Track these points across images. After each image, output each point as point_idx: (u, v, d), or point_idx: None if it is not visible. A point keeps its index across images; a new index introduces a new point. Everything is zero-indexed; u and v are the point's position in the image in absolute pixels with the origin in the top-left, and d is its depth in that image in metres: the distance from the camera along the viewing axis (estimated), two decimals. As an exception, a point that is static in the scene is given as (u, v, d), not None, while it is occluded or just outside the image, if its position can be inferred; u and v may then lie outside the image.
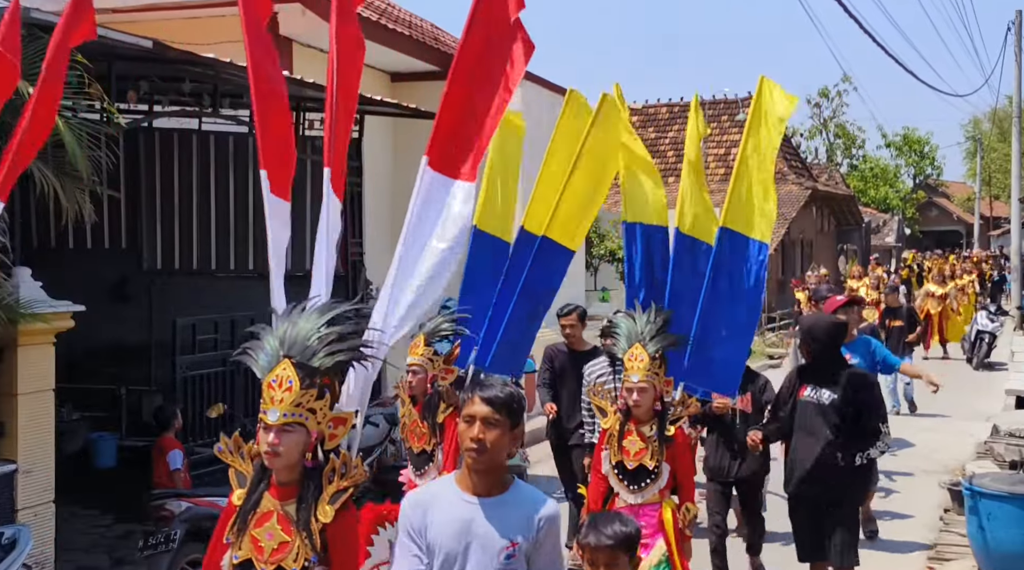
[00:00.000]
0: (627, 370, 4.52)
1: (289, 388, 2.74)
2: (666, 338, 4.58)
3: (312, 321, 2.86)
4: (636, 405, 4.50)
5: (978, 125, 51.58)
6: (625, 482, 4.59)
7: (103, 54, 6.19)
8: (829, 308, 6.98)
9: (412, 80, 13.65)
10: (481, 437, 2.83)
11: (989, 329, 16.83)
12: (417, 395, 5.18)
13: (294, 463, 2.76)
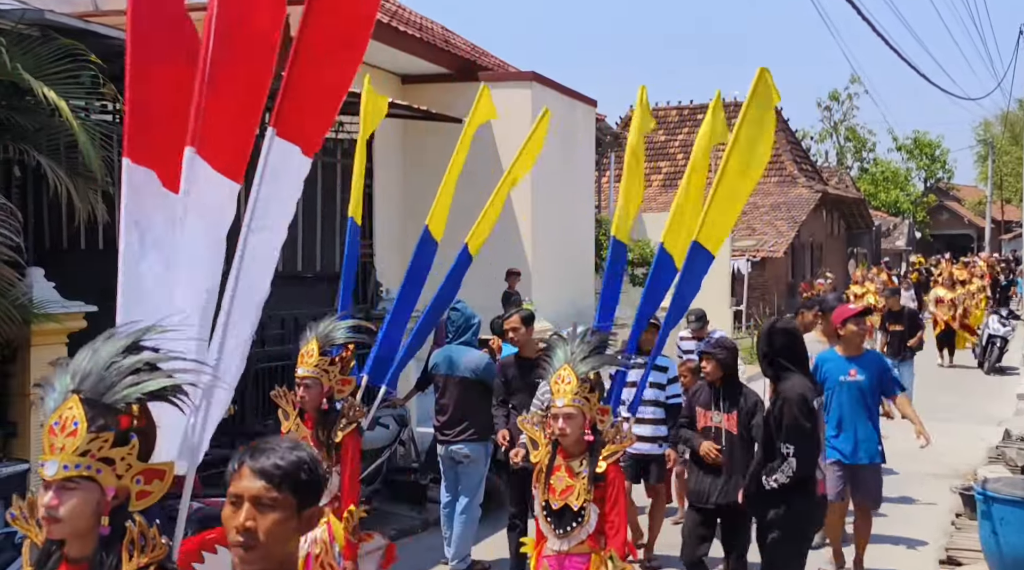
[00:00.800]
0: (553, 394, 3.94)
1: (74, 432, 2.06)
2: (600, 359, 4.03)
3: (114, 345, 2.16)
4: (562, 434, 3.87)
5: (989, 128, 51.38)
6: (552, 524, 3.93)
7: (117, 54, 6.22)
8: (838, 318, 6.52)
9: (423, 82, 13.67)
10: (250, 526, 1.97)
11: (1001, 333, 16.76)
12: (309, 410, 4.64)
13: (82, 531, 2.09)
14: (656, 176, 29.70)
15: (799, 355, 4.96)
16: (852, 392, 6.32)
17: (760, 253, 23.72)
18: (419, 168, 13.90)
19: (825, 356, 6.50)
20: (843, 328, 6.34)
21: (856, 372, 6.29)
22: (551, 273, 14.29)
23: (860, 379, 6.28)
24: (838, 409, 6.34)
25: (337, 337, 4.76)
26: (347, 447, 4.51)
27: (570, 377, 3.91)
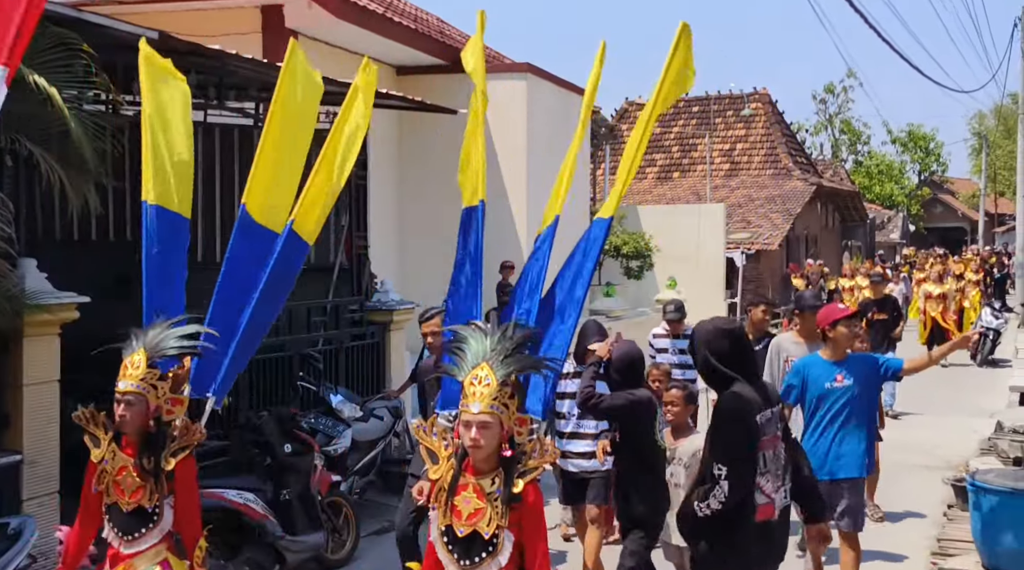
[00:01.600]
0: (466, 397, 3.24)
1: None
2: (523, 360, 3.35)
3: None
4: (475, 446, 3.19)
5: (983, 120, 51.45)
6: (455, 554, 3.29)
7: (109, 45, 6.19)
8: (827, 319, 5.78)
9: (417, 73, 13.65)
10: None
11: (993, 326, 16.81)
12: (129, 433, 3.92)
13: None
14: (651, 169, 29.70)
15: (743, 360, 4.19)
16: (839, 400, 5.68)
17: (755, 245, 23.75)
18: (414, 159, 13.88)
19: (808, 361, 5.91)
20: (832, 330, 5.70)
21: (843, 377, 5.68)
22: (546, 265, 14.28)
23: (848, 384, 5.68)
24: (823, 419, 5.70)
25: (169, 348, 4.08)
26: (181, 476, 3.89)
27: (489, 378, 3.23)
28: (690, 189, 27.53)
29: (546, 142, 14.31)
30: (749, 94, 29.80)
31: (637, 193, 27.85)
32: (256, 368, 7.58)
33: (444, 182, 13.73)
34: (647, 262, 17.47)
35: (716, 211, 20.61)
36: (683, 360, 8.04)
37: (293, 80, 5.17)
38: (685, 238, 19.39)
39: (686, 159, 29.54)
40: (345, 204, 9.26)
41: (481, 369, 3.26)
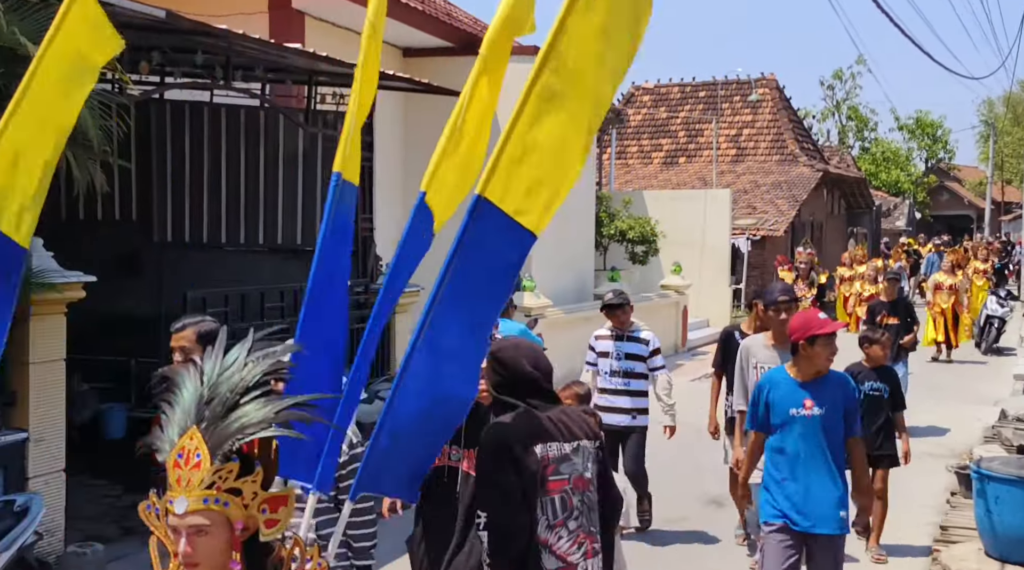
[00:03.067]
0: (170, 488, 1.98)
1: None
2: (254, 415, 1.98)
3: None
4: (189, 563, 1.94)
5: (992, 107, 51.17)
6: None
7: (115, 24, 6.16)
8: (800, 331, 4.59)
9: (424, 55, 13.60)
10: None
11: (999, 314, 16.78)
12: None
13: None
14: (657, 154, 29.62)
15: (516, 384, 3.26)
16: (807, 430, 4.57)
17: (760, 231, 23.69)
18: (419, 142, 13.85)
19: (772, 377, 4.75)
20: (808, 347, 4.55)
21: (813, 404, 4.57)
22: (551, 249, 14.27)
23: (817, 413, 4.57)
24: (788, 453, 4.61)
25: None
26: None
27: (199, 452, 1.94)
28: (696, 174, 27.45)
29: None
30: (756, 79, 29.66)
31: (643, 178, 27.78)
32: (261, 349, 7.59)
33: (450, 165, 13.75)
34: (652, 247, 17.43)
35: (722, 197, 20.54)
36: (629, 368, 6.91)
37: None
38: (690, 224, 19.34)
39: (692, 144, 29.43)
40: (351, 186, 9.26)
41: (190, 438, 1.97)
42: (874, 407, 6.67)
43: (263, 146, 9.19)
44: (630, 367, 6.91)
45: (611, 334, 7.01)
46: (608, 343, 6.98)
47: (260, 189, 9.23)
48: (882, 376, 6.87)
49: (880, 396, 6.77)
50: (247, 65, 8.07)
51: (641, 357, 6.95)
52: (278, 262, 9.29)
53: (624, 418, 6.86)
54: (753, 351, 5.82)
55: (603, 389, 6.93)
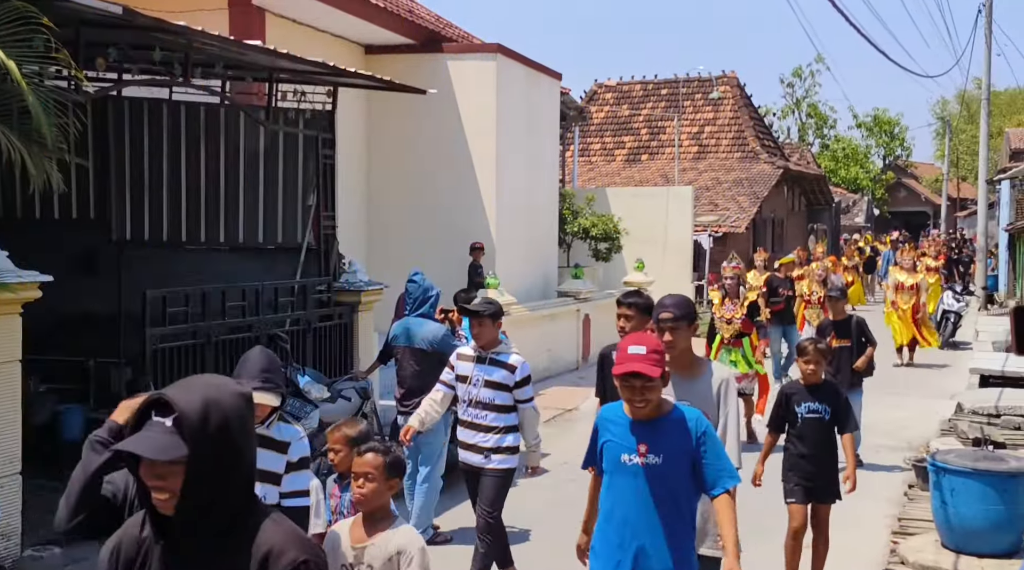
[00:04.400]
0: None
1: None
2: None
3: None
4: None
5: (946, 106, 52.06)
6: None
7: (71, 19, 6.07)
8: (617, 366, 3.57)
9: (386, 53, 13.55)
10: None
11: (955, 309, 17.07)
12: None
13: None
14: (620, 151, 29.75)
15: None
16: (640, 484, 3.57)
17: (722, 228, 23.90)
18: (382, 139, 13.80)
19: (606, 416, 3.75)
20: (619, 385, 3.59)
21: (648, 450, 3.55)
22: (515, 246, 14.29)
23: (653, 462, 3.55)
24: (615, 509, 3.66)
25: None
26: None
27: None
28: (658, 171, 27.62)
29: (516, 123, 14.27)
30: (718, 77, 29.90)
31: (606, 175, 27.89)
32: (222, 348, 7.52)
33: (413, 163, 13.74)
34: (615, 244, 17.52)
35: (684, 194, 20.70)
36: (489, 398, 5.65)
37: None
38: (653, 220, 19.46)
39: (654, 142, 29.61)
40: (313, 184, 9.20)
41: None
42: (814, 433, 5.76)
43: (224, 144, 9.10)
44: (490, 397, 5.62)
45: (474, 355, 5.71)
46: (468, 366, 5.70)
47: (221, 187, 9.14)
48: (820, 395, 5.82)
49: (820, 419, 5.78)
50: (207, 62, 7.98)
51: (505, 387, 5.63)
52: (240, 260, 9.21)
53: (477, 457, 5.67)
54: None
55: (460, 420, 5.80)
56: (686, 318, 4.21)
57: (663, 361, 3.56)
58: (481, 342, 5.69)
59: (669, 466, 3.59)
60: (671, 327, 4.19)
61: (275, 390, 3.98)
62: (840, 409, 5.87)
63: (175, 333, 7.22)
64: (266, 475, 3.93)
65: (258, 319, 7.94)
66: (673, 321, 4.20)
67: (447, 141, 13.61)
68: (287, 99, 9.03)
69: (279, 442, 4.05)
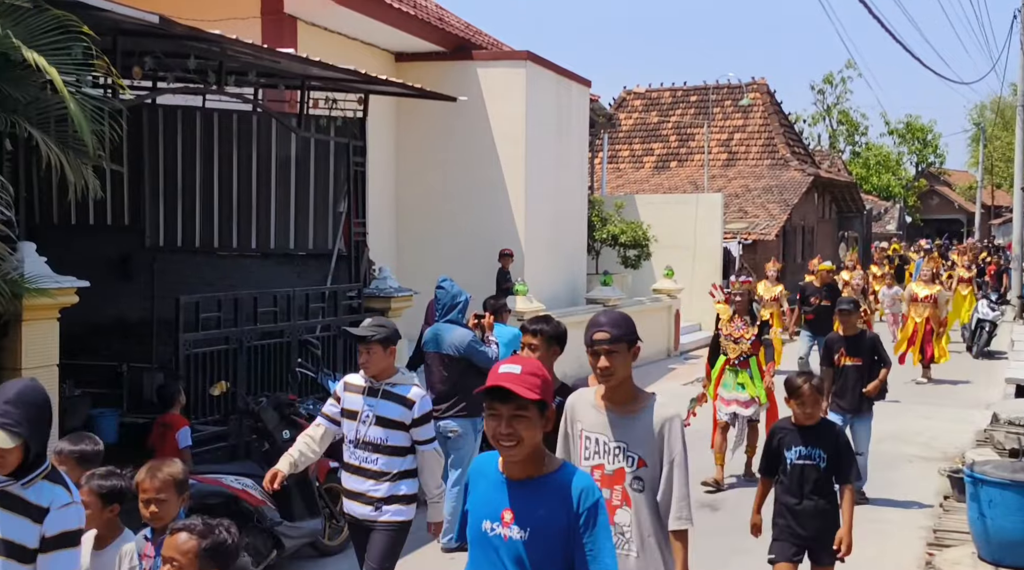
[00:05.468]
0: None
1: None
2: None
3: None
4: None
5: (984, 111, 51.43)
6: None
7: (108, 28, 6.16)
8: None
9: (416, 60, 13.62)
10: None
11: (990, 318, 16.84)
12: None
13: None
14: (648, 158, 29.67)
15: None
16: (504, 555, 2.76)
17: (752, 236, 23.75)
18: (411, 146, 13.85)
19: (477, 467, 2.95)
20: None
21: (513, 518, 2.74)
22: (544, 253, 14.29)
23: (516, 537, 2.73)
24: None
25: None
26: None
27: None
28: (687, 178, 27.51)
29: (545, 130, 14.28)
30: (747, 84, 29.75)
31: (634, 182, 27.82)
32: (254, 354, 7.57)
33: (442, 169, 13.78)
34: (644, 252, 17.46)
35: (713, 201, 20.60)
36: (381, 438, 4.66)
37: None
38: (682, 228, 19.38)
39: (683, 149, 29.50)
40: (343, 191, 9.25)
41: None
42: (804, 482, 4.90)
43: (256, 151, 9.18)
44: (382, 437, 4.65)
45: (364, 385, 4.70)
46: (356, 398, 4.74)
47: (253, 194, 9.21)
48: (814, 438, 4.95)
49: (814, 467, 4.92)
50: (240, 70, 8.06)
51: (400, 425, 4.66)
52: (271, 266, 9.27)
53: (365, 509, 4.70)
54: (578, 411, 3.60)
55: (345, 464, 4.80)
56: (626, 339, 3.41)
57: (544, 390, 2.71)
58: (371, 371, 4.64)
59: (534, 546, 2.69)
60: (607, 350, 3.37)
61: (11, 429, 2.97)
62: (839, 455, 4.95)
63: (207, 339, 7.28)
64: (11, 549, 3.03)
65: (289, 325, 7.99)
66: (610, 343, 3.37)
67: (476, 148, 13.63)
68: (319, 106, 9.10)
69: (32, 506, 3.05)
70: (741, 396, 8.51)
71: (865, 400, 7.91)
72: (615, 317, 3.50)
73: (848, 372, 7.91)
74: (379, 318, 5.02)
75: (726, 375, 8.61)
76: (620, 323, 3.46)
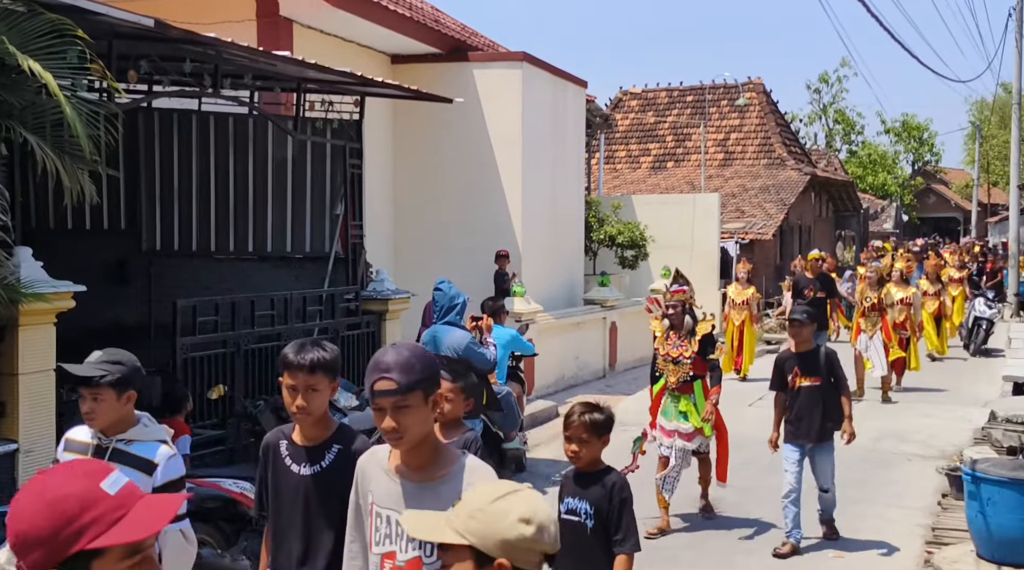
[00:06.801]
0: None
1: None
2: None
3: None
4: None
5: (984, 106, 51.49)
6: None
7: (104, 32, 6.15)
8: None
9: (412, 62, 13.61)
10: None
11: (987, 316, 16.86)
12: None
13: None
14: (645, 158, 29.68)
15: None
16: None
17: (749, 235, 23.76)
18: (407, 148, 13.85)
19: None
20: None
21: None
22: (541, 254, 14.28)
23: None
24: None
25: None
26: None
27: None
28: (684, 178, 27.52)
29: (541, 131, 14.28)
30: (743, 83, 29.77)
31: (631, 182, 27.83)
32: (251, 357, 7.57)
33: (439, 171, 13.77)
34: (642, 252, 17.46)
35: (710, 201, 20.60)
36: None
37: None
38: (679, 228, 19.38)
39: (680, 149, 29.52)
40: (340, 194, 9.24)
41: None
42: (571, 542, 3.56)
43: (252, 154, 9.18)
44: None
45: (90, 443, 3.54)
46: None
47: (249, 197, 9.21)
48: (587, 487, 3.95)
49: (578, 524, 3.87)
50: (235, 73, 8.05)
51: None
52: (268, 270, 9.27)
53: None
54: (369, 478, 2.74)
55: None
56: (421, 386, 2.53)
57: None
58: (98, 424, 3.49)
59: None
60: (395, 404, 2.50)
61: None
62: (612, 511, 3.82)
63: (205, 342, 7.28)
64: None
65: (287, 328, 7.99)
66: (397, 394, 2.51)
67: (473, 149, 13.63)
68: (315, 109, 9.09)
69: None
70: (683, 426, 7.09)
71: (826, 427, 6.72)
72: (405, 357, 2.55)
73: (803, 395, 6.70)
74: (115, 352, 3.67)
75: (666, 401, 7.19)
76: (411, 365, 2.53)
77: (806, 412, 6.68)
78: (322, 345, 3.13)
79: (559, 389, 13.02)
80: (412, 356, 2.57)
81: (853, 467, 8.74)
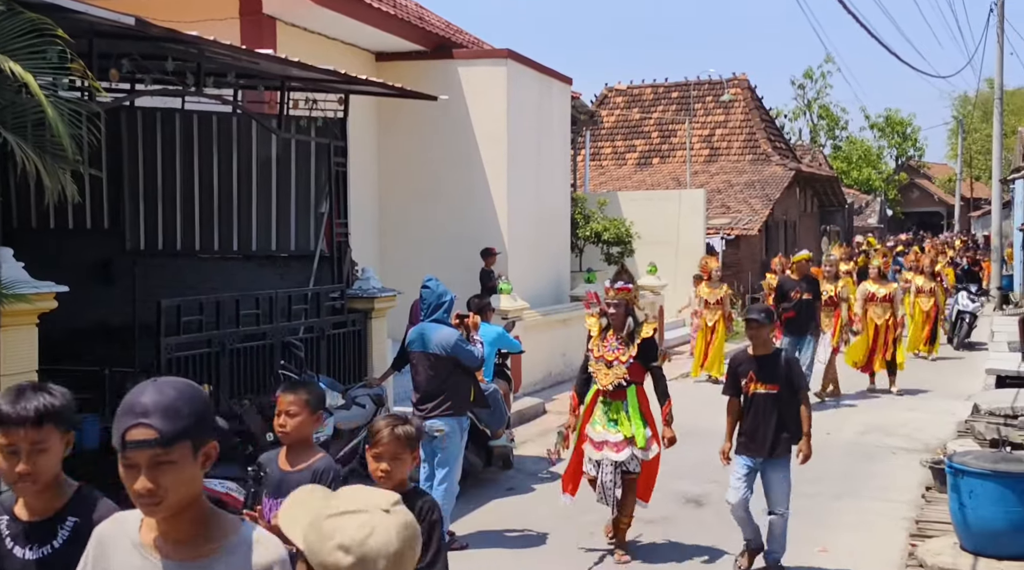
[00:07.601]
0: None
1: None
2: None
3: None
4: None
5: (967, 101, 51.79)
6: None
7: (84, 31, 6.11)
8: None
9: (397, 60, 13.59)
10: None
11: (970, 309, 16.98)
12: None
13: None
14: (631, 155, 29.72)
15: None
16: None
17: (734, 231, 23.84)
18: (393, 145, 13.82)
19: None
20: None
21: None
22: (527, 251, 14.29)
23: None
24: None
25: None
26: None
27: None
28: (670, 175, 27.58)
29: (527, 128, 14.28)
30: (728, 80, 29.85)
31: (617, 179, 27.86)
32: (237, 356, 7.54)
33: (424, 169, 13.75)
34: (628, 248, 17.50)
35: (696, 197, 20.66)
36: None
37: None
38: (665, 224, 19.43)
39: (665, 145, 29.57)
40: (325, 192, 9.22)
41: None
42: None
43: (236, 152, 9.14)
44: None
45: None
46: None
47: (233, 196, 9.17)
48: None
49: None
50: (218, 71, 8.01)
51: None
52: (253, 269, 9.24)
53: None
54: (110, 555, 2.15)
55: None
56: (188, 436, 1.95)
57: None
58: None
59: None
60: (153, 459, 1.91)
61: None
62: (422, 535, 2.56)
63: (190, 342, 7.24)
64: None
65: (272, 327, 7.96)
66: (156, 446, 1.92)
67: (458, 147, 13.62)
68: (299, 107, 9.06)
69: None
70: (612, 436, 6.31)
71: (782, 440, 6.02)
72: (170, 398, 1.95)
73: (758, 402, 6.04)
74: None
75: (596, 408, 6.43)
76: (176, 409, 1.94)
77: (760, 422, 6.00)
78: (48, 390, 2.44)
79: (546, 386, 13.04)
80: (178, 397, 1.94)
81: (837, 460, 8.79)
